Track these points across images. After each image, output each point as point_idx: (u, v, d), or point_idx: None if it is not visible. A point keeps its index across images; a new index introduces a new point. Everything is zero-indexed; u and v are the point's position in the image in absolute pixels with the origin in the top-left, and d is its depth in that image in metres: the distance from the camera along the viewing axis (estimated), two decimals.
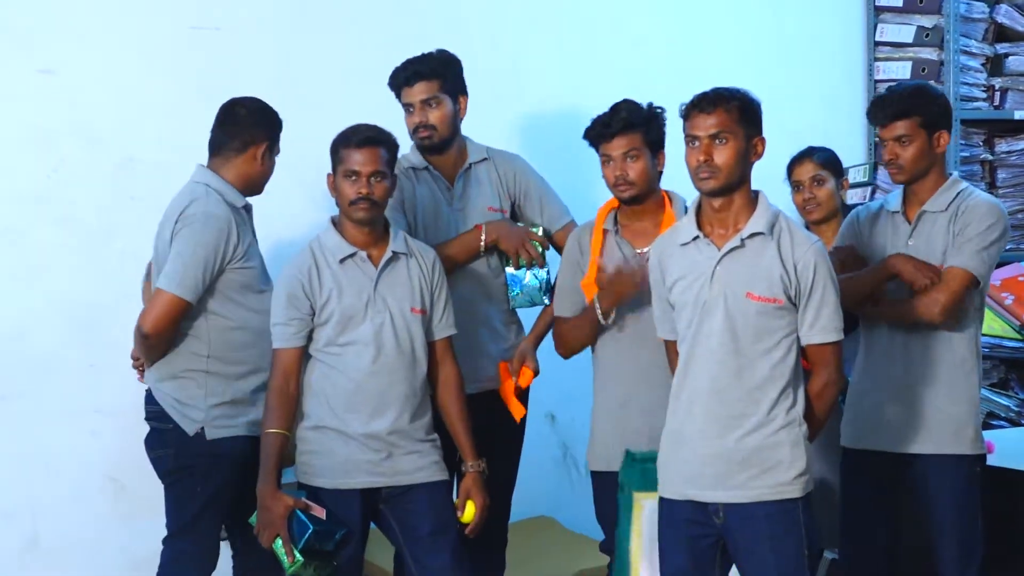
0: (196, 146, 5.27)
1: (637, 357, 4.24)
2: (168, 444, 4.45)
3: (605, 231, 4.30)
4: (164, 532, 5.27)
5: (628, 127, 4.14)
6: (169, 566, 4.48)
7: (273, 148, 4.49)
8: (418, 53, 4.69)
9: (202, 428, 4.38)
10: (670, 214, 4.24)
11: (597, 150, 4.21)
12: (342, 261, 4.19)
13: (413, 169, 4.68)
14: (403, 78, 4.58)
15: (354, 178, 4.12)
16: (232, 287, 4.39)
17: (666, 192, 4.30)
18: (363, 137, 4.14)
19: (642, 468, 4.03)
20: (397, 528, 4.26)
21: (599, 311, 4.20)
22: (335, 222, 4.26)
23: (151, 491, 5.24)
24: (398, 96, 4.63)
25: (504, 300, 4.68)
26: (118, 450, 5.31)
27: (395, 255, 4.23)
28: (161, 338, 4.40)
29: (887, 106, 4.24)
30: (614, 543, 4.27)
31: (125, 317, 5.23)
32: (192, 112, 5.32)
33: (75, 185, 5.25)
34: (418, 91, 4.55)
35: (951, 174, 4.35)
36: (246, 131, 4.47)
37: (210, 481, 4.41)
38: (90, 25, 5.26)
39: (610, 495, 4.23)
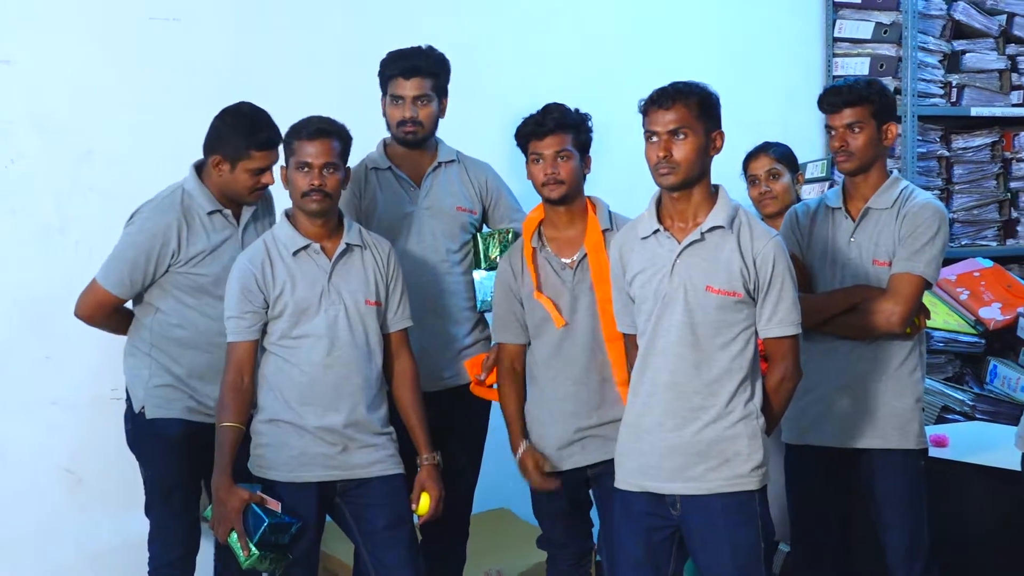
0: (154, 138, 5.36)
1: (567, 365, 4.29)
2: (128, 419, 4.57)
3: (533, 248, 4.34)
4: (120, 524, 5.35)
5: (560, 127, 4.19)
6: (149, 546, 4.60)
7: (234, 162, 4.38)
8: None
9: (143, 407, 4.47)
10: (593, 219, 4.27)
11: (526, 150, 4.25)
12: (295, 253, 4.20)
13: (376, 170, 4.69)
14: (400, 69, 4.57)
15: (306, 170, 4.13)
16: (180, 288, 4.43)
17: (590, 198, 4.34)
18: (315, 129, 4.15)
19: None
20: (352, 522, 4.28)
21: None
22: (289, 215, 4.26)
23: (108, 484, 5.31)
24: (385, 85, 4.62)
25: (469, 298, 4.71)
26: (75, 442, 5.33)
27: (349, 247, 4.23)
28: (94, 322, 4.56)
29: (839, 94, 4.28)
30: (552, 538, 4.44)
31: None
32: (150, 104, 5.38)
33: (32, 177, 5.24)
34: (412, 86, 4.57)
35: (891, 171, 4.39)
36: (210, 137, 4.46)
37: (152, 459, 4.51)
38: (48, 16, 5.24)
39: (542, 493, 4.36)
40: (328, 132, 4.16)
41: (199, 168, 4.51)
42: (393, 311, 4.31)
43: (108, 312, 4.49)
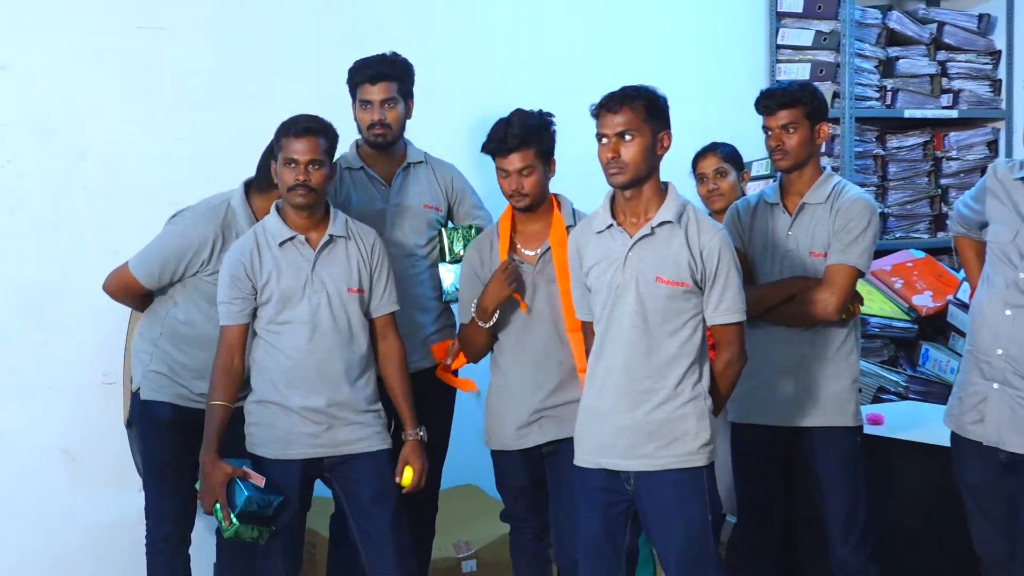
0: (143, 139, 5.34)
1: (530, 345, 4.30)
2: (132, 396, 4.59)
3: (493, 240, 4.36)
4: (114, 502, 5.32)
5: (523, 143, 4.17)
6: (146, 514, 4.62)
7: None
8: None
9: (139, 387, 4.48)
10: (558, 216, 4.28)
11: (494, 160, 4.24)
12: (281, 244, 4.19)
13: (349, 170, 4.68)
14: (367, 75, 4.57)
15: (293, 165, 4.11)
16: (200, 292, 4.43)
17: (555, 196, 4.34)
18: (303, 127, 4.13)
19: None
20: (341, 494, 4.29)
21: (474, 313, 4.27)
22: (278, 208, 4.25)
23: (102, 463, 5.30)
24: (353, 91, 4.61)
25: (435, 288, 4.69)
26: (69, 424, 5.30)
27: (332, 238, 4.21)
28: (115, 297, 4.57)
29: (774, 97, 4.29)
30: (514, 512, 4.45)
31: (74, 300, 5.24)
32: (139, 107, 5.35)
33: (28, 176, 5.19)
34: (379, 90, 4.55)
35: (824, 168, 4.39)
36: (268, 164, 4.36)
37: (144, 437, 4.53)
38: (42, 24, 5.20)
39: (505, 470, 4.40)
40: (314, 130, 4.14)
41: (247, 187, 4.50)
42: (378, 297, 4.29)
43: (132, 294, 4.53)
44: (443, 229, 4.70)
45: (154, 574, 4.60)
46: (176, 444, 4.45)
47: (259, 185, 4.46)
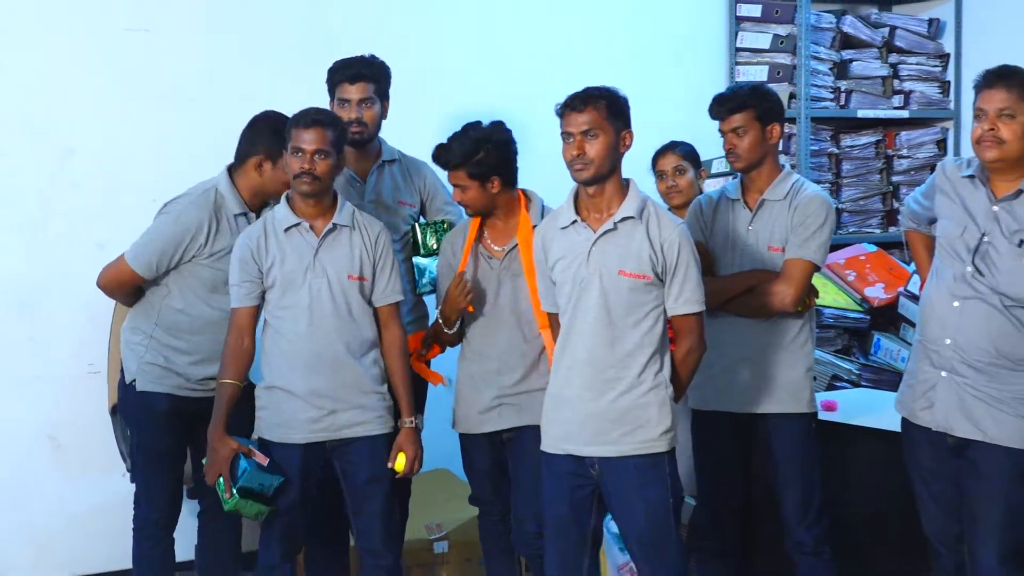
0: (130, 137, 5.36)
1: (495, 336, 4.32)
2: (122, 387, 4.53)
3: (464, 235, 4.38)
4: (99, 486, 5.31)
5: (455, 165, 4.21)
6: (134, 507, 4.57)
7: (275, 159, 4.36)
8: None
9: (135, 379, 4.43)
10: (525, 216, 4.28)
11: None
12: (287, 230, 4.18)
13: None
14: (346, 75, 4.57)
15: (300, 154, 4.09)
16: (196, 277, 4.40)
17: (524, 192, 4.34)
18: (311, 119, 4.12)
19: None
20: (341, 475, 4.28)
21: (441, 320, 4.32)
22: (288, 196, 4.24)
23: (88, 450, 5.32)
24: (332, 90, 4.61)
25: (408, 281, 4.67)
26: (56, 413, 5.32)
27: (335, 226, 4.20)
28: (111, 294, 4.51)
29: (725, 102, 4.28)
30: (481, 495, 4.49)
31: (61, 294, 5.24)
32: (126, 106, 5.38)
33: (17, 173, 5.20)
34: (357, 90, 4.55)
35: (784, 166, 4.38)
36: (247, 141, 4.43)
37: (140, 427, 4.48)
38: (33, 27, 5.22)
39: (471, 454, 4.45)
40: (322, 122, 4.12)
41: (231, 171, 4.48)
42: (382, 287, 4.26)
43: (126, 288, 4.46)
44: (416, 225, 4.69)
45: (140, 557, 4.57)
46: (172, 433, 4.44)
47: (237, 163, 4.46)
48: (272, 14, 5.62)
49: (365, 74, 4.57)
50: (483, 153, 4.18)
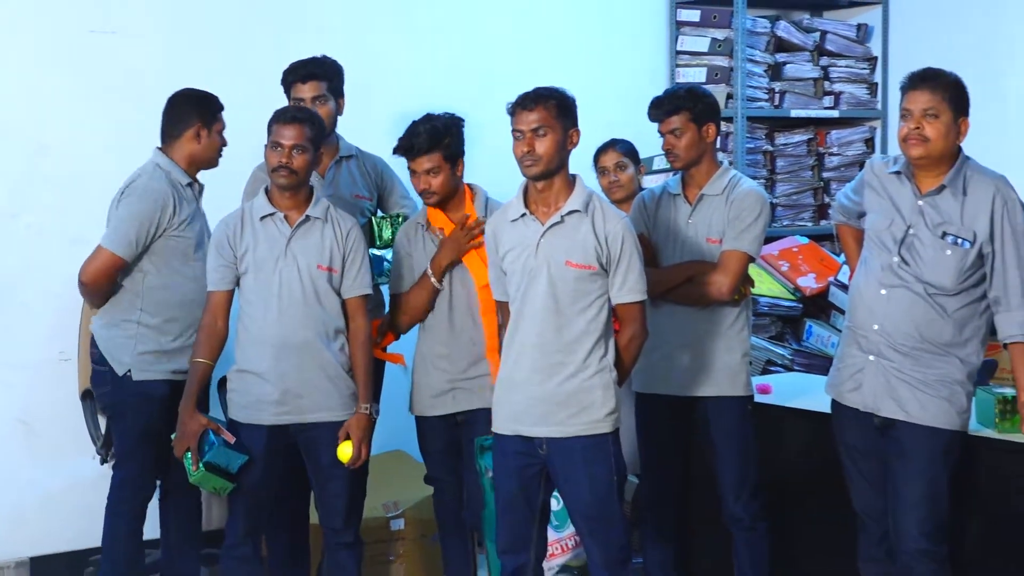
0: (98, 134, 5.32)
1: (447, 323, 4.33)
2: (106, 383, 4.50)
3: (419, 224, 4.40)
4: (69, 468, 5.25)
5: (427, 149, 4.22)
6: (116, 489, 4.52)
7: (209, 126, 4.46)
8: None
9: (130, 370, 4.38)
10: (471, 207, 4.32)
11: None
12: (262, 219, 4.18)
13: None
14: (299, 75, 4.57)
15: (279, 149, 4.10)
16: (168, 252, 4.40)
17: (469, 186, 4.37)
18: (290, 115, 4.14)
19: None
20: (305, 457, 4.27)
21: (431, 274, 4.28)
22: (267, 188, 4.24)
23: (57, 433, 5.27)
24: (288, 90, 4.60)
25: None
26: (28, 398, 5.25)
27: (309, 218, 4.19)
28: (97, 287, 4.44)
29: (661, 105, 4.30)
30: (436, 475, 4.50)
31: (32, 285, 5.20)
32: (95, 105, 5.33)
33: None
34: (309, 88, 4.54)
35: (722, 163, 4.40)
36: (179, 117, 4.47)
37: (139, 417, 4.42)
38: (3, 30, 5.17)
39: (425, 435, 4.48)
40: (300, 119, 4.13)
41: (163, 151, 4.51)
42: (350, 280, 4.24)
43: (111, 276, 4.41)
44: (373, 218, 4.68)
45: (117, 538, 4.52)
46: (169, 416, 4.36)
47: (170, 139, 4.52)
48: (231, 18, 5.59)
49: (316, 73, 4.57)
50: (449, 137, 4.22)
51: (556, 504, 4.23)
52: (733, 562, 4.38)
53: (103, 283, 4.43)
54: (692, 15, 6.64)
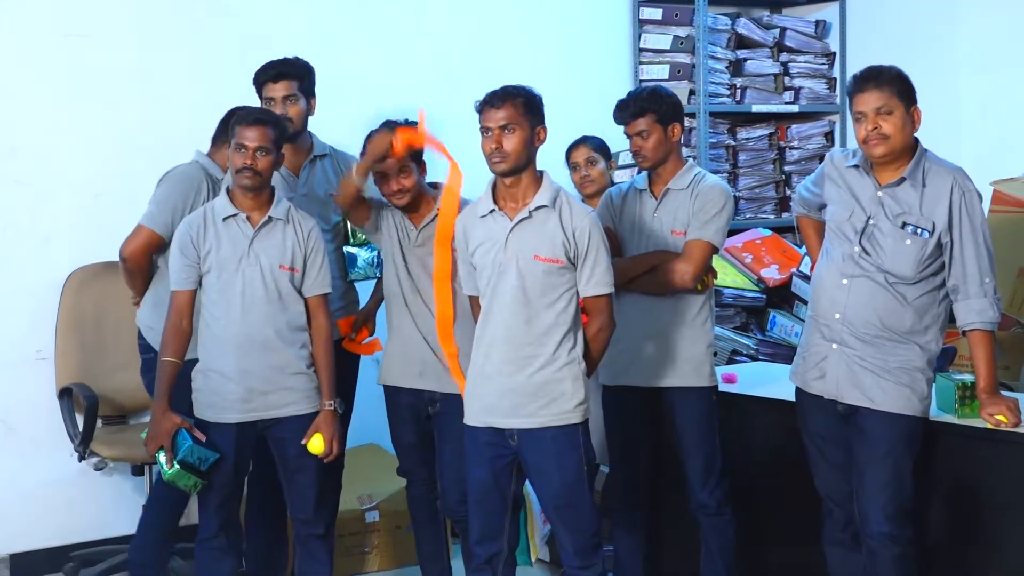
0: (70, 136, 5.30)
1: (412, 311, 4.30)
2: (151, 370, 4.40)
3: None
4: (48, 466, 5.22)
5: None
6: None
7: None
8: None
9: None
10: (430, 203, 4.31)
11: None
12: (225, 220, 4.14)
13: None
14: (270, 75, 4.53)
15: (243, 150, 4.06)
16: None
17: (435, 186, 4.34)
18: (254, 118, 4.10)
19: None
20: (274, 451, 4.25)
21: (353, 172, 4.23)
22: (228, 189, 4.20)
23: (35, 431, 5.25)
24: (259, 90, 4.56)
25: (340, 268, 4.64)
26: (5, 396, 5.22)
27: (271, 219, 4.16)
28: (136, 263, 4.54)
29: (626, 108, 4.28)
30: (408, 467, 4.49)
31: (6, 284, 5.18)
32: (66, 107, 5.31)
33: None
34: (280, 88, 4.50)
35: (687, 159, 4.39)
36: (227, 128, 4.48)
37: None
38: None
39: (397, 429, 4.46)
40: (264, 121, 4.10)
41: (209, 154, 4.69)
42: (311, 279, 4.22)
43: (149, 253, 4.52)
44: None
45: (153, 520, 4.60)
46: None
47: (213, 144, 4.69)
48: (202, 21, 5.56)
49: (287, 72, 4.53)
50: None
51: None
52: (700, 548, 4.38)
53: (142, 260, 4.52)
54: (654, 13, 6.64)
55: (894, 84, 3.81)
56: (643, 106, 4.24)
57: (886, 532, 3.83)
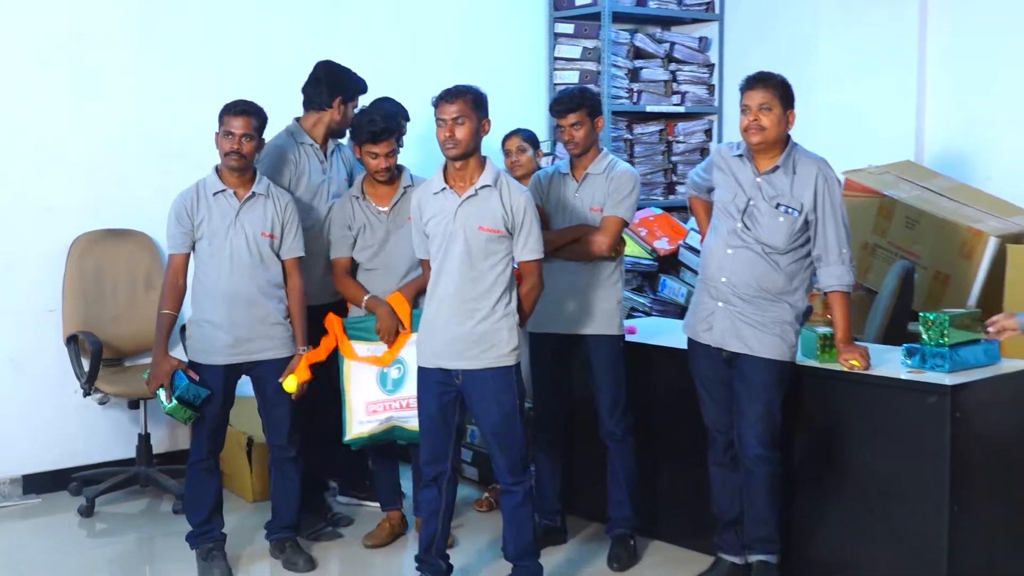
0: (66, 128, 5.23)
1: (387, 280, 4.35)
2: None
3: (355, 197, 4.39)
4: (54, 400, 5.17)
5: (388, 134, 4.27)
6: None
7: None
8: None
9: None
10: (396, 186, 4.37)
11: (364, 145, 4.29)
12: (215, 194, 4.16)
13: (311, 145, 4.61)
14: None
15: (230, 137, 4.08)
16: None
17: (398, 167, 4.39)
18: (240, 108, 4.11)
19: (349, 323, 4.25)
20: (256, 389, 4.29)
21: (364, 300, 4.33)
22: (217, 168, 4.20)
23: (43, 371, 5.19)
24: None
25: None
26: (19, 344, 5.18)
27: (254, 194, 4.19)
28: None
29: (563, 104, 4.31)
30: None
31: (14, 245, 5.15)
32: (62, 101, 5.23)
33: None
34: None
35: (603, 149, 4.44)
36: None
37: None
38: None
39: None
40: (248, 111, 4.11)
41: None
42: (288, 244, 4.25)
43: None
44: None
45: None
46: None
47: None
48: (189, 20, 5.50)
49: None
50: (400, 123, 4.23)
51: (397, 372, 4.26)
52: (607, 469, 4.43)
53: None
54: (567, 28, 6.68)
55: (778, 88, 3.89)
56: (578, 102, 4.29)
57: (760, 455, 3.92)
